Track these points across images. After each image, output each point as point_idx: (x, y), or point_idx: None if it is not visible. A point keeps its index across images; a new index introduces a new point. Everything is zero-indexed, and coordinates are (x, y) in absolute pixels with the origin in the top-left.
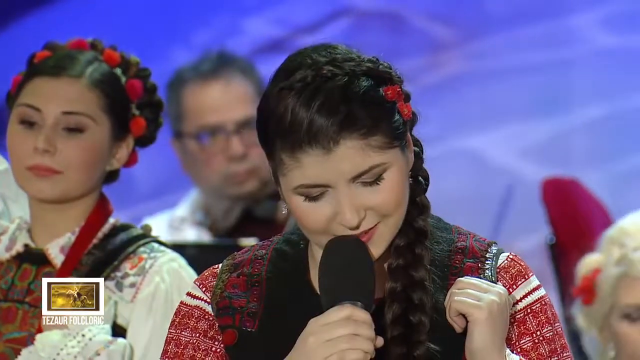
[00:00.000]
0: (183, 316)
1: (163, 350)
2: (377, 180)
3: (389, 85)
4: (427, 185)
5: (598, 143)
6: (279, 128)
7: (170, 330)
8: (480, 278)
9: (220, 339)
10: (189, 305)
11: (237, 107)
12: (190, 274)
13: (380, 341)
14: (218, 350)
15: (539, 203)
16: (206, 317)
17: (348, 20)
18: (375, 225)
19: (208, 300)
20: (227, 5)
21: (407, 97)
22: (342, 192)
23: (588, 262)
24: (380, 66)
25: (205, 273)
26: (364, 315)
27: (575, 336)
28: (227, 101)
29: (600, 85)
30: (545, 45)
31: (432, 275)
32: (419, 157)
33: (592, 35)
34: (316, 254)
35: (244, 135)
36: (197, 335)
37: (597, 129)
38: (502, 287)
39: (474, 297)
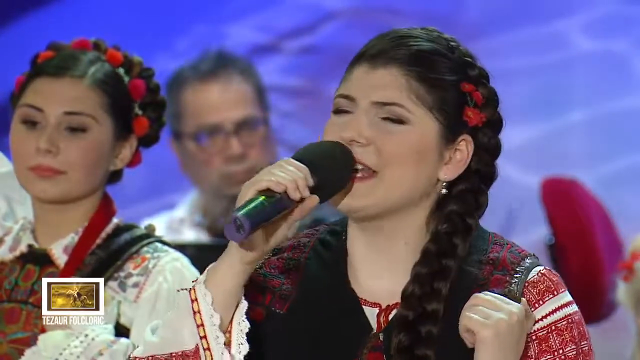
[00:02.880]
0: None
1: None
2: (394, 121)
3: (469, 82)
4: (480, 210)
5: (592, 145)
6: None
7: None
8: (505, 291)
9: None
10: None
11: (236, 108)
12: (193, 273)
13: (312, 197)
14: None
15: (536, 203)
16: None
17: (335, 24)
18: (371, 173)
19: None
20: (209, 12)
21: (483, 106)
22: (362, 109)
23: (637, 240)
24: (475, 67)
25: None
26: (294, 162)
27: None
28: (226, 101)
29: (594, 88)
30: (538, 48)
31: (456, 286)
32: (483, 177)
33: (584, 39)
34: (350, 247)
35: (243, 135)
36: None
37: (591, 131)
38: (518, 306)
39: (483, 315)
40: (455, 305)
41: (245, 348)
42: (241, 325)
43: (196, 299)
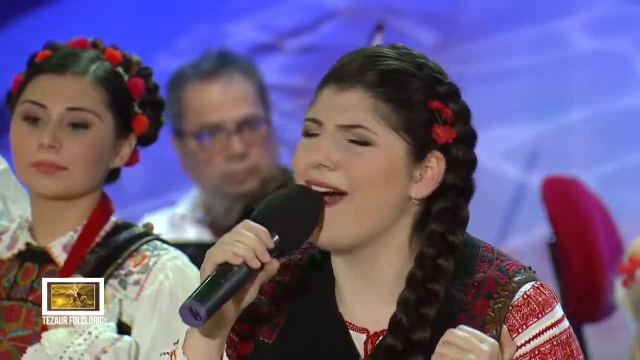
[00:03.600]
0: None
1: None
2: (360, 143)
3: (438, 99)
4: (462, 226)
5: (592, 144)
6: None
7: None
8: (484, 318)
9: (236, 332)
10: None
11: (238, 106)
12: (193, 271)
13: (271, 262)
14: (235, 338)
15: (536, 202)
16: None
17: (335, 24)
18: (342, 196)
19: None
20: (210, 11)
21: (453, 122)
22: (325, 132)
23: (636, 244)
24: (444, 83)
25: None
26: (251, 227)
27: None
28: (228, 100)
29: (593, 87)
30: (538, 48)
31: (441, 310)
32: (461, 191)
33: (583, 38)
34: (335, 272)
35: (245, 134)
36: None
37: (590, 130)
38: (492, 342)
39: (456, 355)
40: (439, 329)
41: None
42: None
43: None
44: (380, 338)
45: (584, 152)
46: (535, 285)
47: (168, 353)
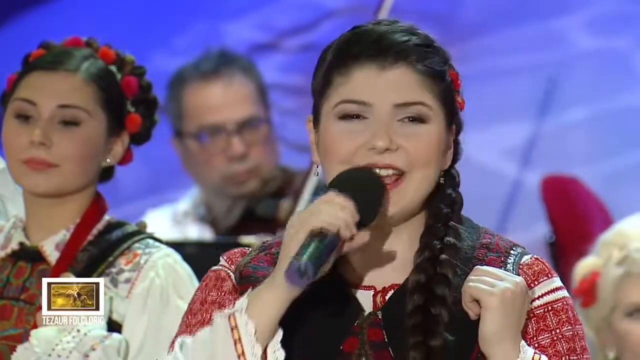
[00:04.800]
0: (211, 279)
1: (188, 308)
2: (418, 121)
3: (452, 69)
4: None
5: (591, 143)
6: (339, 44)
7: (196, 293)
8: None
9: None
10: (216, 271)
11: (238, 107)
12: (185, 269)
13: (362, 234)
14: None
15: (536, 202)
16: (230, 280)
17: (334, 22)
18: (402, 175)
19: (232, 270)
20: (208, 10)
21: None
22: (382, 114)
23: (585, 265)
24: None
25: (235, 250)
26: (341, 200)
27: None
28: (228, 101)
29: (593, 86)
30: (537, 46)
31: (455, 268)
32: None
33: (583, 37)
34: None
35: (245, 134)
36: (222, 294)
37: (590, 129)
38: (520, 278)
39: (488, 284)
40: (455, 283)
41: None
42: (276, 354)
43: (236, 327)
44: (391, 292)
45: (584, 150)
46: (535, 255)
47: (224, 314)
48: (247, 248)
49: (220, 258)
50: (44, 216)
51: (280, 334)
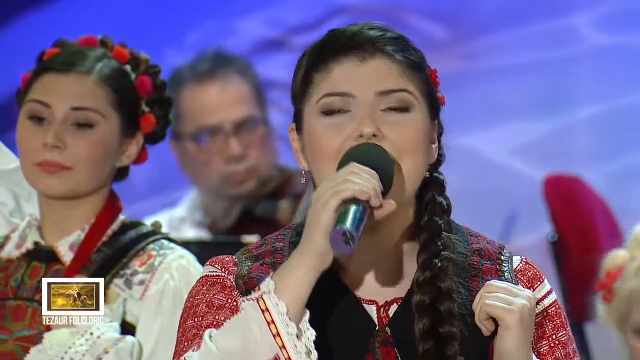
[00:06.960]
0: (212, 284)
1: (188, 313)
2: (402, 109)
3: (428, 65)
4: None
5: (599, 141)
6: (315, 47)
7: (196, 297)
8: (501, 280)
9: None
10: (218, 276)
11: (235, 108)
12: (199, 270)
13: (390, 202)
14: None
15: (541, 200)
16: (236, 289)
17: (344, 19)
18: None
19: (231, 277)
20: (218, 7)
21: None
22: (366, 103)
23: (614, 257)
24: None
25: (225, 258)
26: (367, 169)
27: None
28: (225, 101)
29: (601, 84)
30: (545, 44)
31: (456, 283)
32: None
33: (591, 34)
34: None
35: (242, 135)
36: (233, 301)
37: (597, 127)
38: (530, 292)
39: (505, 302)
40: (459, 300)
41: (314, 356)
42: (307, 333)
43: (267, 309)
44: (393, 306)
45: (591, 149)
46: (522, 257)
47: (251, 299)
48: (228, 256)
49: (212, 266)
50: (59, 217)
51: (307, 313)
